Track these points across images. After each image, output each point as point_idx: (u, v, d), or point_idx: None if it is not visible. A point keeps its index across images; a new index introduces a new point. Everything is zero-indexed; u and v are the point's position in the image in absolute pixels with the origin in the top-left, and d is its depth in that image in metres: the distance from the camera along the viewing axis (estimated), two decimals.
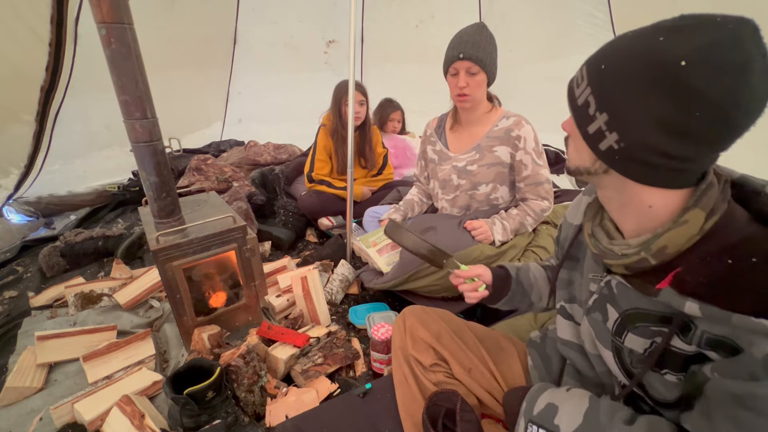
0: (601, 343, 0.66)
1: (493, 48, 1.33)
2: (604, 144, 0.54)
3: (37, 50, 2.17)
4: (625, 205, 0.59)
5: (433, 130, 1.61)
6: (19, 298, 1.69)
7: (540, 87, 3.34)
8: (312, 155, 2.23)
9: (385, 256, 1.57)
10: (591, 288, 0.69)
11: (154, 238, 1.17)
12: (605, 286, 0.64)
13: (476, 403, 0.89)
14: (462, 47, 1.29)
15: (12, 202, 2.34)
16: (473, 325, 1.02)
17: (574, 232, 0.77)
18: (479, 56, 1.29)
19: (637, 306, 0.59)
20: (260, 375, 1.18)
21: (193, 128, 3.66)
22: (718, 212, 0.52)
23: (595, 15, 2.82)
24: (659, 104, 0.47)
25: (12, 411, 1.13)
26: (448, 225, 1.45)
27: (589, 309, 0.68)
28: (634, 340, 0.59)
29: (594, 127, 0.54)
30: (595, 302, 0.66)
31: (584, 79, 0.55)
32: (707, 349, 0.50)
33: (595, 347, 0.69)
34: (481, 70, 1.31)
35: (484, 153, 1.44)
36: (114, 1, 0.98)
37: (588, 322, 0.68)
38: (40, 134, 2.38)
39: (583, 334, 0.72)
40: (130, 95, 1.07)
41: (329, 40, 3.78)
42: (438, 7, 3.52)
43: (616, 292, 0.62)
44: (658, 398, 0.59)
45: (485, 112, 1.45)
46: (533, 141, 1.39)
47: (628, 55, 0.50)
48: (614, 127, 0.52)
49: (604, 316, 0.64)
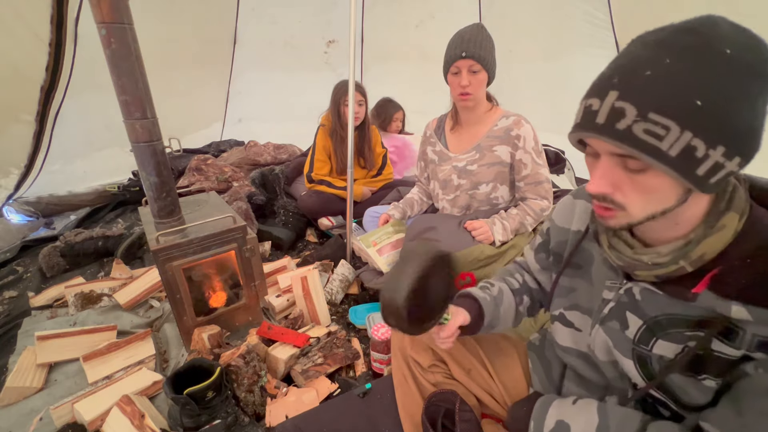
0: (619, 352, 0.63)
1: (492, 47, 1.34)
2: (720, 174, 0.48)
3: (37, 50, 2.17)
4: (679, 221, 0.54)
5: (432, 131, 1.61)
6: (19, 298, 1.69)
7: (540, 87, 3.34)
8: (311, 155, 2.23)
9: (385, 255, 1.57)
10: (605, 296, 0.66)
11: (154, 238, 1.17)
12: (625, 293, 0.62)
13: (475, 403, 0.89)
14: (465, 46, 1.30)
15: (12, 202, 2.34)
16: None
17: (576, 239, 0.73)
18: (481, 54, 1.29)
19: (669, 312, 0.57)
20: (260, 375, 1.18)
21: (193, 128, 3.66)
22: (746, 213, 0.52)
23: (595, 15, 2.82)
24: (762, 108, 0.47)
25: (12, 411, 1.13)
26: (449, 225, 1.45)
27: (604, 318, 0.65)
28: (664, 346, 0.57)
29: (706, 167, 0.48)
30: (612, 311, 0.64)
31: (672, 128, 0.46)
32: (758, 351, 0.49)
33: (609, 355, 0.66)
34: (482, 68, 1.31)
35: (484, 152, 1.44)
36: (114, 1, 0.98)
37: (603, 332, 0.65)
38: (40, 134, 2.38)
39: (594, 343, 0.68)
40: (130, 95, 1.07)
41: (329, 40, 3.78)
42: (438, 7, 3.52)
43: (640, 299, 0.60)
44: (687, 402, 0.57)
45: (485, 111, 1.45)
46: (533, 140, 1.39)
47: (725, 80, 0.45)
48: (736, 151, 0.47)
49: (622, 325, 0.62)
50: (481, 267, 1.39)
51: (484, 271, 1.39)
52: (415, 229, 1.51)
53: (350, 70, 1.57)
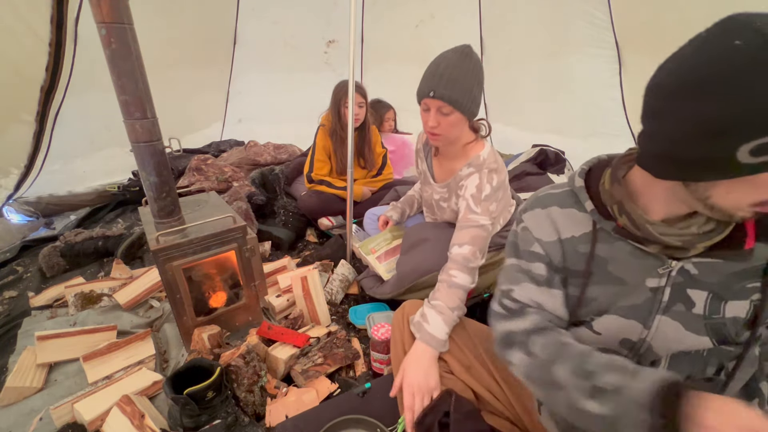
0: (693, 332, 0.61)
1: (474, 82, 1.11)
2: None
3: (37, 50, 2.18)
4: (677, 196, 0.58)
5: (422, 145, 1.48)
6: (19, 298, 1.69)
7: (540, 87, 3.34)
8: (311, 155, 2.23)
9: (384, 263, 1.56)
10: (651, 284, 0.63)
11: (154, 238, 1.17)
12: (678, 274, 0.61)
13: (473, 398, 0.88)
14: (435, 83, 1.09)
15: (12, 202, 2.34)
16: (471, 322, 1.01)
17: (576, 246, 0.68)
18: (453, 96, 1.09)
19: (730, 272, 0.59)
20: (260, 375, 1.18)
21: (193, 128, 3.66)
22: None
23: (595, 15, 2.82)
24: None
25: (12, 411, 1.13)
26: (441, 236, 1.36)
27: (666, 306, 0.63)
28: (735, 306, 0.59)
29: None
30: (672, 295, 0.62)
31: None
32: None
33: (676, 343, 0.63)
34: (454, 110, 1.11)
35: (452, 193, 1.31)
36: (114, 1, 0.98)
37: (671, 318, 0.62)
38: (40, 134, 2.38)
39: (655, 336, 0.64)
40: (130, 95, 1.07)
41: (329, 40, 3.78)
42: (438, 7, 3.52)
43: (697, 272, 0.61)
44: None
45: (464, 145, 1.26)
46: (474, 188, 1.20)
47: None
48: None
49: (688, 304, 0.62)
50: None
51: (481, 279, 1.36)
52: (408, 241, 1.49)
53: (350, 70, 1.57)
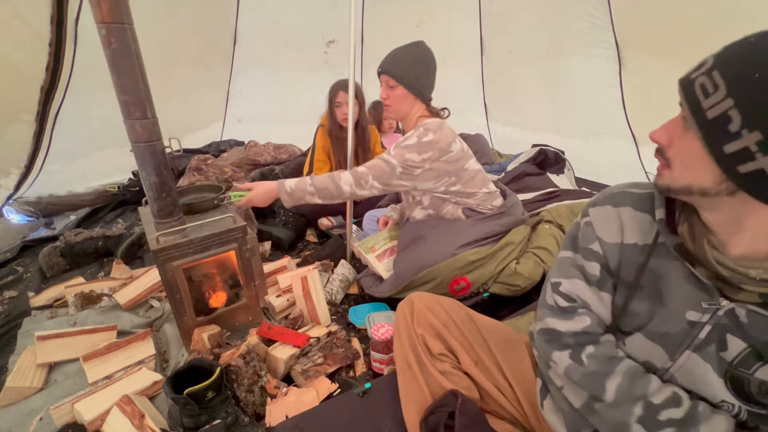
0: (718, 374, 0.58)
1: (419, 64, 1.37)
2: (747, 167, 0.46)
3: (37, 50, 2.17)
4: (745, 228, 0.51)
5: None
6: (19, 298, 1.69)
7: (540, 87, 3.34)
8: (311, 156, 2.23)
9: (384, 261, 1.57)
10: (692, 317, 0.59)
11: (154, 238, 1.17)
12: (725, 315, 0.56)
13: (478, 397, 0.88)
14: (385, 62, 1.40)
15: (12, 202, 2.34)
16: (480, 317, 0.99)
17: (635, 254, 0.65)
18: (394, 71, 1.36)
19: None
20: (260, 375, 1.18)
21: (193, 128, 3.66)
22: None
23: (595, 15, 2.82)
24: None
25: (12, 411, 1.13)
26: (437, 234, 1.44)
27: (701, 344, 0.58)
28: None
29: (735, 147, 0.46)
30: (710, 335, 0.58)
31: (720, 87, 0.46)
32: None
33: (695, 384, 0.61)
34: (398, 84, 1.37)
35: None
36: (114, 1, 0.98)
37: (700, 357, 0.59)
38: (40, 134, 2.38)
39: (679, 371, 0.61)
40: (130, 95, 1.07)
41: (329, 40, 3.78)
42: (438, 7, 3.53)
43: (747, 321, 0.55)
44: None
45: (419, 117, 1.45)
46: (401, 138, 1.39)
47: None
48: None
49: (720, 347, 0.57)
50: (473, 270, 1.39)
51: (478, 272, 1.39)
52: (405, 239, 1.51)
53: (350, 70, 1.57)
